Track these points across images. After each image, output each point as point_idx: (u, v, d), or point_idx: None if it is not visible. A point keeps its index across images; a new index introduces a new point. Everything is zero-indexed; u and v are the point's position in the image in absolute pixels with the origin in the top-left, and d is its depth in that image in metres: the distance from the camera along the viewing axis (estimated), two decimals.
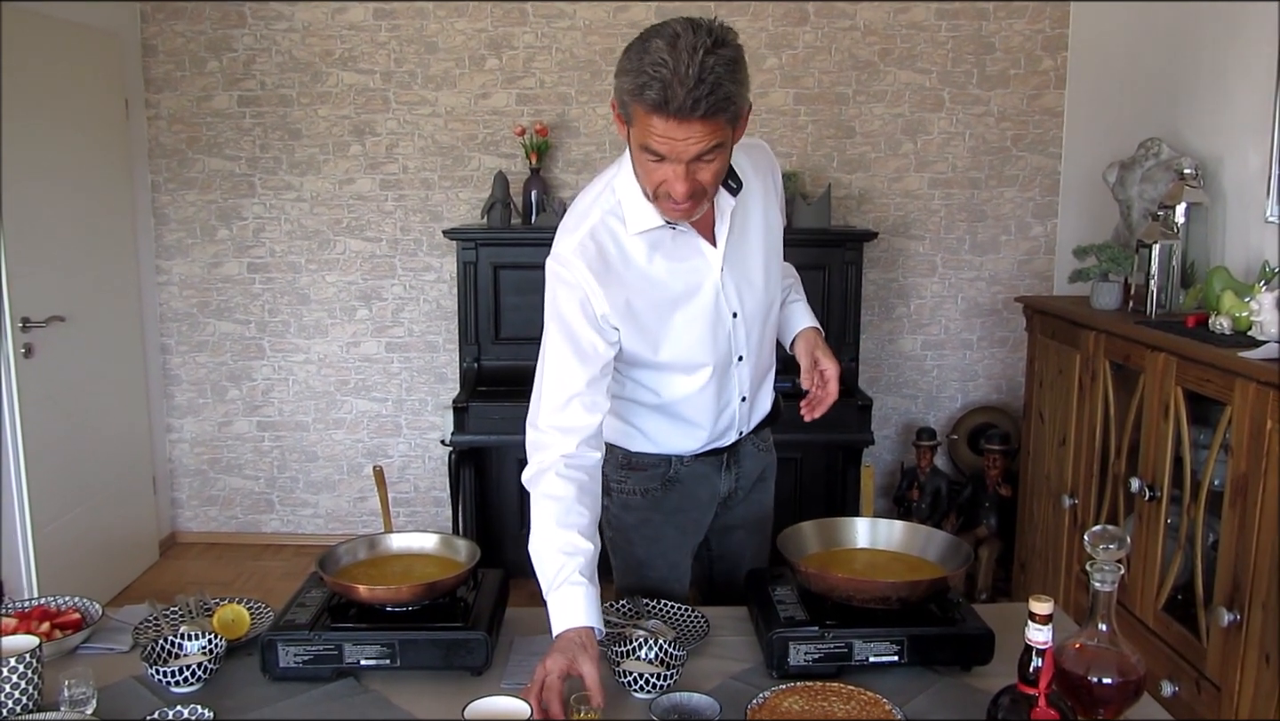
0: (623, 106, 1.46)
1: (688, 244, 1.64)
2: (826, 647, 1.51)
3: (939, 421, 4.23)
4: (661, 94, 1.36)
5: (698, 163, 1.44)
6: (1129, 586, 2.54)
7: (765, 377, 1.86)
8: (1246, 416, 2.09)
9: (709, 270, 1.65)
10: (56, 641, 1.58)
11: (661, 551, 1.88)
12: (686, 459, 1.84)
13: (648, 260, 1.62)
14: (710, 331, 1.68)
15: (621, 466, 1.85)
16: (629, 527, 1.88)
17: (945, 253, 4.13)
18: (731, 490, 1.90)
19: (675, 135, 1.40)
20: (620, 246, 1.61)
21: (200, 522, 4.37)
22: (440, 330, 4.20)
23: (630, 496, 1.86)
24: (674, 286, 1.64)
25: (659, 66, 1.37)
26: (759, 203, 1.71)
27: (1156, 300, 2.72)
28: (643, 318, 1.63)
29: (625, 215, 1.61)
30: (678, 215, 1.54)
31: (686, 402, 1.76)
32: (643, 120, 1.42)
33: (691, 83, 1.35)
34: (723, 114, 1.40)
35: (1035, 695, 1.19)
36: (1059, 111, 4.01)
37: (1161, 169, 2.99)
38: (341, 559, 1.68)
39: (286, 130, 4.09)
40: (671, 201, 1.49)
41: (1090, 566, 1.27)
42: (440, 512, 4.29)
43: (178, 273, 4.20)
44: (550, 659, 1.42)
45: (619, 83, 1.45)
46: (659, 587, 1.87)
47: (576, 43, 4.00)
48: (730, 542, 1.96)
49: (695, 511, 1.89)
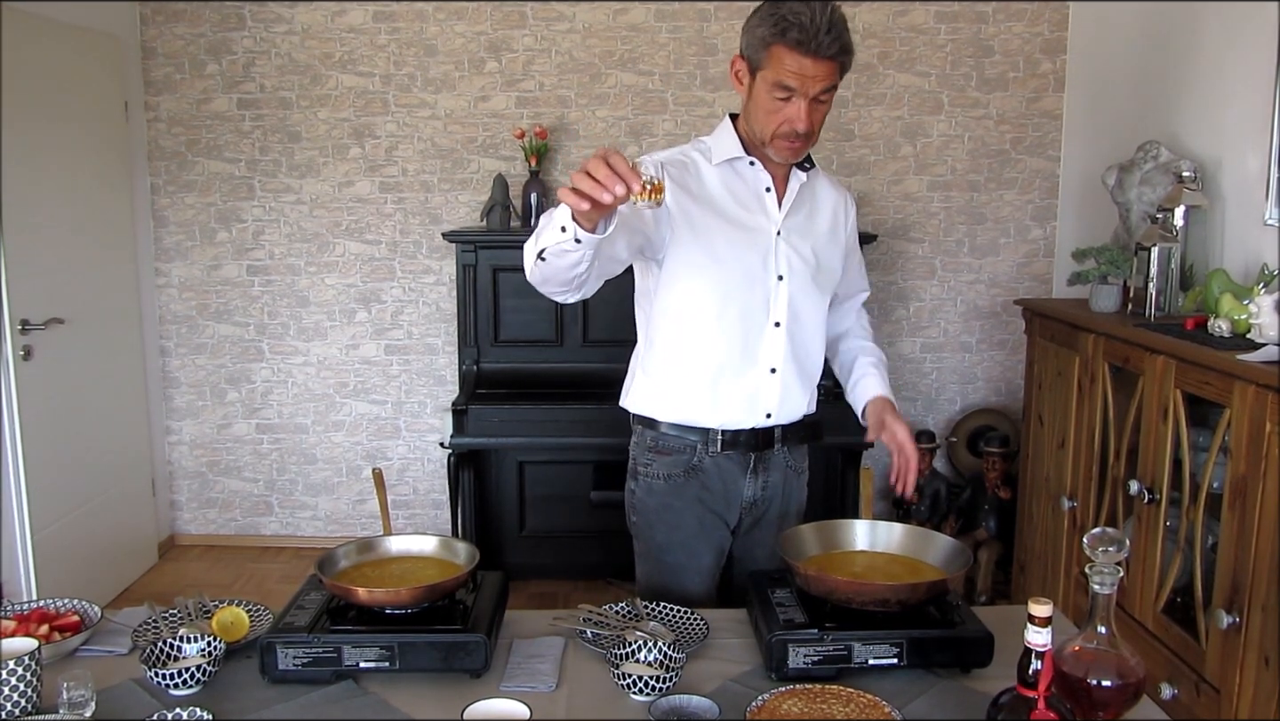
0: (756, 52, 1.71)
1: (757, 192, 1.84)
2: (826, 650, 1.50)
3: (938, 424, 4.23)
4: (804, 34, 1.64)
5: (816, 102, 1.71)
6: (1128, 589, 2.54)
7: (803, 371, 1.91)
8: (1245, 419, 2.09)
9: (768, 223, 1.84)
10: (55, 644, 1.58)
11: (681, 540, 1.92)
12: (712, 449, 1.87)
13: (719, 187, 1.82)
14: (752, 274, 1.81)
15: (649, 450, 1.91)
16: (650, 511, 1.93)
17: (944, 255, 4.14)
18: (757, 498, 1.93)
19: (808, 72, 1.67)
20: (698, 169, 1.83)
21: (199, 525, 4.37)
22: (440, 333, 4.20)
23: (654, 481, 1.91)
24: (732, 214, 1.81)
25: (799, 14, 1.65)
26: (829, 207, 1.94)
27: (1155, 303, 2.72)
28: (696, 222, 1.78)
29: (711, 151, 1.84)
30: (789, 153, 1.77)
31: (713, 345, 1.83)
32: (779, 59, 1.67)
33: (826, 27, 1.65)
34: (845, 57, 1.70)
35: (1034, 697, 1.19)
36: (1058, 114, 4.01)
37: (1160, 172, 2.99)
38: (340, 561, 1.68)
39: (286, 133, 4.09)
40: (789, 139, 1.73)
41: (1089, 569, 1.27)
42: (439, 515, 4.29)
43: (177, 275, 4.20)
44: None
45: (754, 33, 1.71)
46: (676, 574, 1.91)
47: (576, 45, 4.00)
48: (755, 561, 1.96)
49: (716, 505, 1.92)
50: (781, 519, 1.97)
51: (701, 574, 1.94)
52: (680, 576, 1.91)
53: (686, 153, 1.85)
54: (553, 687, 1.51)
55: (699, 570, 1.93)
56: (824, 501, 3.87)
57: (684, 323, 1.84)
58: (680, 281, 1.81)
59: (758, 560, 1.96)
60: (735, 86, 1.80)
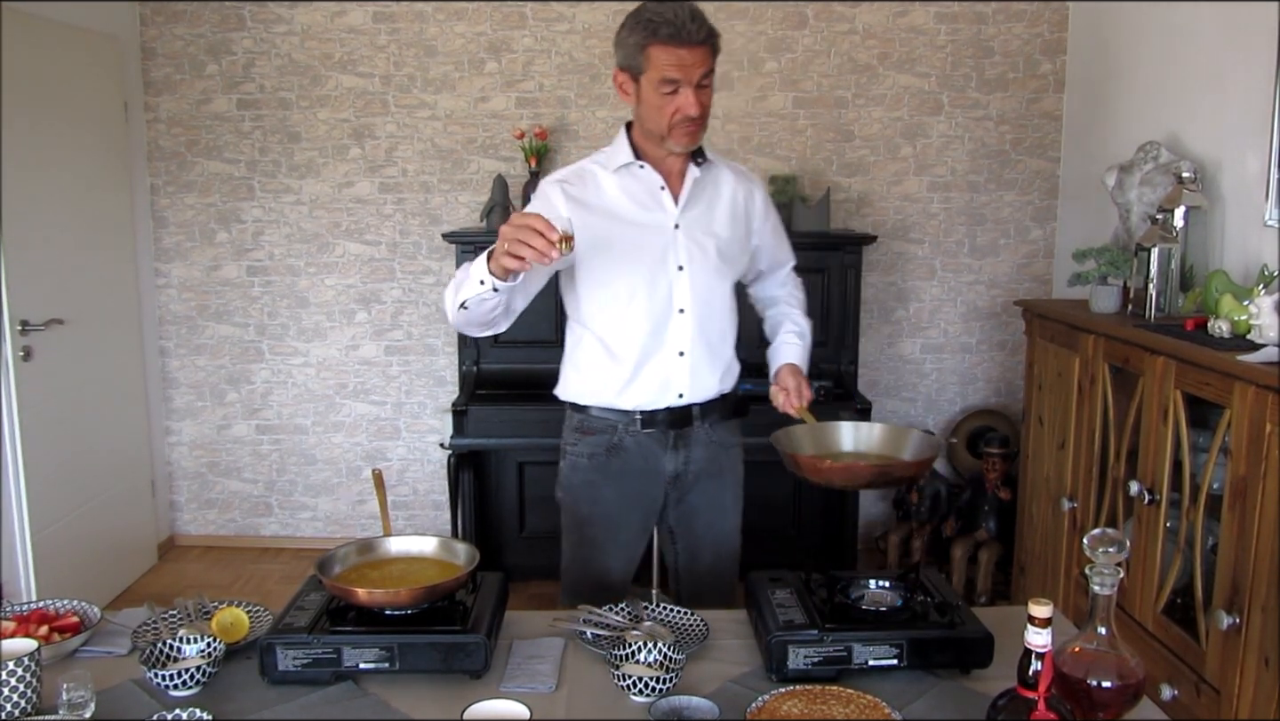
0: (634, 59, 1.87)
1: (652, 192, 1.99)
2: (826, 651, 1.51)
3: (938, 424, 4.23)
4: (673, 28, 1.82)
5: (699, 88, 1.87)
6: (1128, 590, 2.54)
7: (712, 352, 2.05)
8: (1245, 419, 2.09)
9: (665, 219, 1.99)
10: (55, 644, 1.58)
11: (603, 512, 2.07)
12: (633, 429, 2.03)
13: (617, 191, 1.98)
14: (653, 269, 1.97)
15: (576, 430, 2.09)
16: (576, 487, 2.09)
17: (944, 256, 4.14)
18: (680, 471, 2.09)
19: (686, 61, 1.84)
20: (597, 180, 1.99)
21: (199, 526, 4.37)
22: (439, 333, 4.20)
23: (579, 459, 2.08)
24: (630, 216, 1.98)
25: (662, 13, 1.83)
26: (729, 195, 2.06)
27: (1155, 303, 2.72)
28: (597, 232, 1.93)
29: (607, 161, 2.01)
30: (688, 139, 1.92)
31: (626, 336, 1.99)
32: (659, 57, 1.84)
33: (689, 16, 1.83)
34: (714, 39, 1.87)
35: (1034, 698, 1.19)
36: (1058, 115, 4.01)
37: (1160, 172, 2.99)
38: (340, 562, 1.68)
39: (286, 133, 4.09)
40: (685, 125, 1.89)
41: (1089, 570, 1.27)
42: (439, 516, 4.29)
43: (177, 275, 4.20)
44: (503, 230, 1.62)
45: (628, 41, 1.87)
46: (598, 545, 2.08)
47: (576, 46, 4.00)
48: (691, 536, 2.15)
49: (639, 482, 2.07)
50: (714, 491, 2.13)
51: (621, 545, 2.10)
52: (601, 549, 2.08)
53: (585, 167, 2.02)
54: (553, 688, 1.51)
55: (620, 542, 2.10)
56: (824, 502, 3.88)
57: (599, 319, 2.01)
58: (591, 286, 1.99)
59: (694, 530, 2.14)
60: (623, 98, 1.96)
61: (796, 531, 3.92)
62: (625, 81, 1.92)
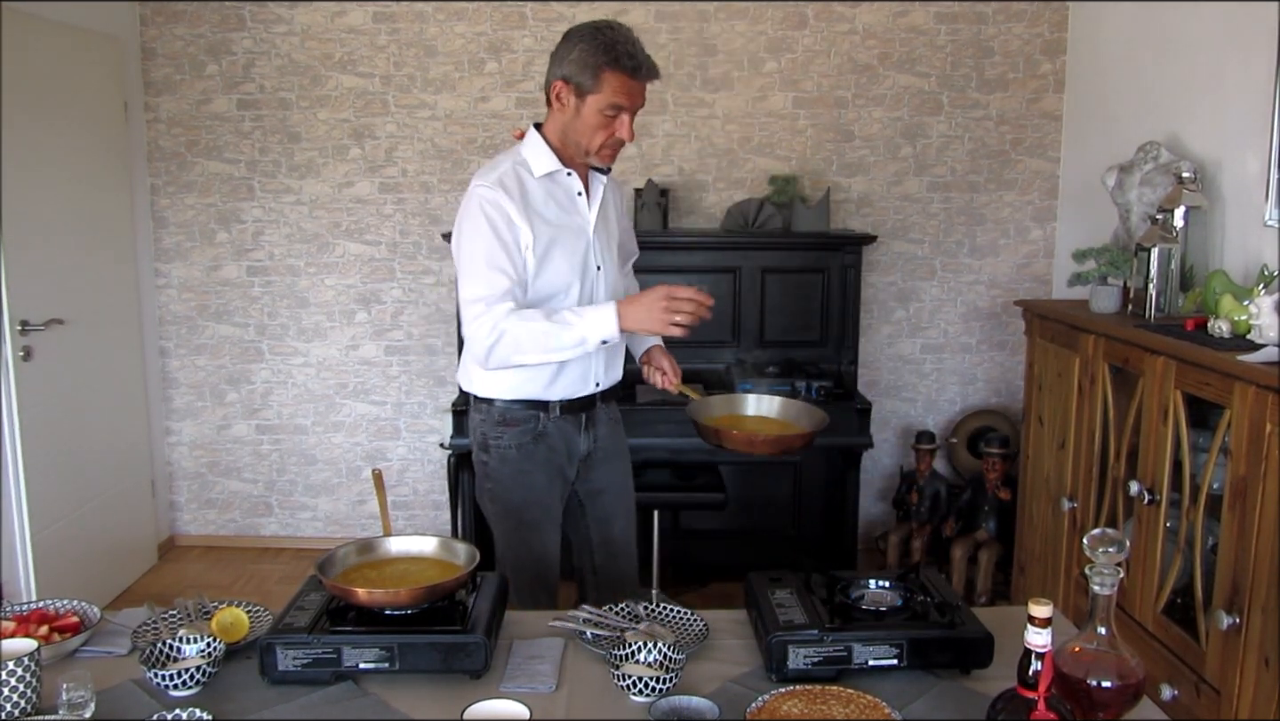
0: (585, 78, 1.99)
1: (572, 197, 2.13)
2: (826, 651, 1.51)
3: (938, 425, 4.23)
4: (634, 61, 1.99)
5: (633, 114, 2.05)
6: (1128, 590, 2.54)
7: (620, 345, 2.26)
8: (1245, 419, 2.09)
9: (585, 222, 2.15)
10: (55, 644, 1.58)
11: (536, 497, 2.21)
12: (554, 415, 2.17)
13: (545, 197, 2.10)
14: (580, 271, 2.13)
15: (498, 423, 2.18)
16: (507, 477, 2.20)
17: (944, 256, 4.14)
18: (591, 449, 2.27)
19: (635, 92, 2.03)
20: (525, 186, 2.08)
21: (199, 526, 4.37)
22: (439, 333, 4.20)
23: (507, 451, 2.18)
24: (559, 220, 2.10)
25: (624, 44, 1.99)
26: (612, 200, 2.27)
27: (1155, 303, 2.72)
28: (539, 235, 2.05)
29: (530, 165, 2.10)
30: (610, 160, 2.12)
31: None
32: (611, 84, 1.99)
33: (643, 56, 2.01)
34: (656, 78, 2.06)
35: (1034, 698, 1.19)
36: (1058, 115, 4.01)
37: (1160, 172, 2.99)
38: (340, 562, 1.68)
39: (286, 133, 4.09)
40: (614, 148, 2.08)
41: (1089, 570, 1.28)
42: (439, 516, 4.29)
43: (177, 276, 4.20)
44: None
45: (582, 60, 1.98)
46: (534, 528, 2.20)
47: None
48: (602, 506, 2.34)
49: (560, 462, 2.23)
50: (617, 462, 2.35)
51: (553, 522, 2.25)
52: (538, 529, 2.21)
53: (512, 171, 2.08)
54: (553, 688, 1.51)
55: (552, 520, 2.25)
56: (824, 502, 3.87)
57: None
58: (535, 291, 2.09)
59: (603, 501, 2.33)
60: (555, 106, 2.07)
61: (796, 531, 3.92)
62: (565, 93, 2.03)
